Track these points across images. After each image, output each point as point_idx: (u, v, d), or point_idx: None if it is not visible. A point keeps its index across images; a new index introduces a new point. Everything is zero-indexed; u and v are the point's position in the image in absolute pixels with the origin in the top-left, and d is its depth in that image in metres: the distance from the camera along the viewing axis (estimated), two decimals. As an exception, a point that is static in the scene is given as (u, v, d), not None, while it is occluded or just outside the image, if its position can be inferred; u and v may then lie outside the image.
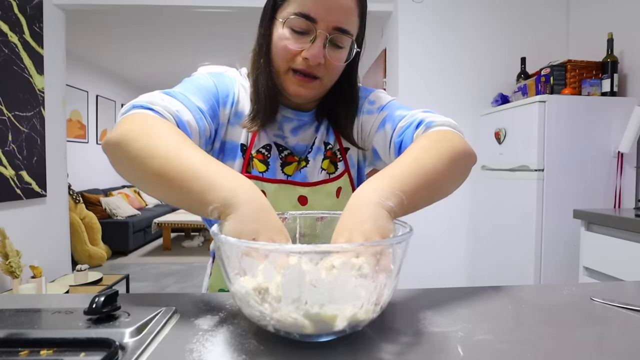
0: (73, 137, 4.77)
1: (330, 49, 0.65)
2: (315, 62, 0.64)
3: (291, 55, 0.66)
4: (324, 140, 0.78)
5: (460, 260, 2.84)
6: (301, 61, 0.65)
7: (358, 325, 0.42)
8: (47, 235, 2.79)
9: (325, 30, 0.63)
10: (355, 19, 0.66)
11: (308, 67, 0.66)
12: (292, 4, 0.64)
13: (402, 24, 2.76)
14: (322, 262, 0.40)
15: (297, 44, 0.65)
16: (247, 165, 0.73)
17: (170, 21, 3.76)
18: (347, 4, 0.63)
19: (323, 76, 0.68)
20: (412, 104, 2.85)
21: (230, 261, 0.42)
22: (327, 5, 0.62)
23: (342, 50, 0.67)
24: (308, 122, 0.77)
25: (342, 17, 0.63)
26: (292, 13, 0.63)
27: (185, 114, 0.59)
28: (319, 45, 0.63)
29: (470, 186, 2.79)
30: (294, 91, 0.69)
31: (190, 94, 0.65)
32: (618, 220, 1.56)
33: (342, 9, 0.63)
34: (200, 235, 5.49)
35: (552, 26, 2.81)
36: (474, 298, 0.60)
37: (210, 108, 0.68)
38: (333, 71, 0.68)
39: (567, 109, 2.12)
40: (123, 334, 0.43)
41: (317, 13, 0.62)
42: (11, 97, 2.40)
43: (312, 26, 0.63)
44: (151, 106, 0.56)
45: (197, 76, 0.72)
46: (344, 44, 0.66)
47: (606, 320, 0.52)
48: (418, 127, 0.66)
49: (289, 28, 0.64)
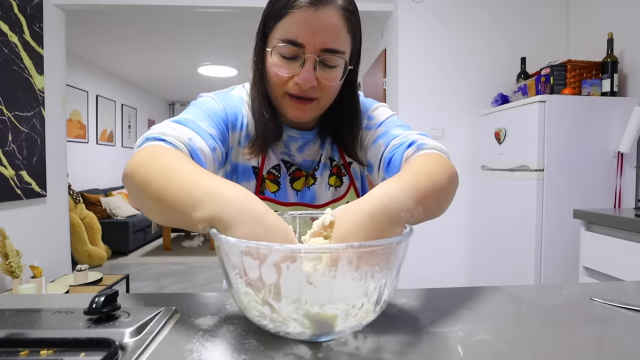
0: (73, 137, 4.76)
1: (321, 70, 0.65)
2: (307, 86, 0.64)
3: (283, 81, 0.66)
4: (329, 156, 0.80)
5: (460, 260, 2.84)
6: (294, 86, 0.66)
7: (358, 325, 0.42)
8: (47, 235, 2.79)
9: (313, 53, 0.63)
10: (345, 36, 0.64)
11: (302, 92, 0.66)
12: (278, 31, 0.64)
13: (402, 24, 2.76)
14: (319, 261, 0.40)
15: (288, 70, 0.65)
16: (260, 186, 0.76)
17: (170, 21, 3.76)
18: (332, 23, 0.62)
19: (319, 97, 0.68)
20: (412, 103, 2.83)
21: (230, 261, 0.42)
22: (311, 28, 0.61)
23: (334, 70, 0.66)
24: (312, 139, 0.79)
25: (328, 37, 0.62)
26: (279, 40, 0.63)
27: (197, 142, 0.60)
28: (309, 68, 0.63)
29: (470, 186, 2.79)
30: (292, 115, 0.69)
31: (201, 120, 0.65)
32: (618, 220, 1.56)
33: (327, 29, 0.62)
34: (200, 235, 5.49)
35: (552, 26, 2.81)
36: (474, 298, 0.60)
37: (220, 133, 0.68)
38: (328, 91, 0.68)
39: (567, 109, 2.12)
40: (123, 334, 0.43)
41: (303, 37, 0.62)
42: (11, 97, 2.40)
43: (299, 51, 0.63)
44: (163, 137, 0.56)
45: (205, 100, 0.72)
46: (336, 62, 0.65)
47: (606, 320, 0.52)
48: (409, 147, 0.66)
49: (278, 55, 0.65)
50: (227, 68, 5.37)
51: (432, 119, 2.77)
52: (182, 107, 8.19)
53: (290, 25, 0.62)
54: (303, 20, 0.61)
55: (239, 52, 4.67)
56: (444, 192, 0.55)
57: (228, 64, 5.23)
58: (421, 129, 2.58)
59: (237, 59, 4.94)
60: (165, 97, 7.93)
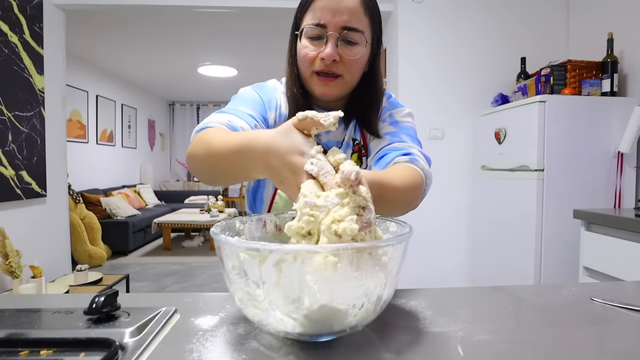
0: (73, 137, 4.76)
1: (343, 47, 0.74)
2: (329, 60, 0.73)
3: (311, 60, 0.75)
4: (352, 137, 0.86)
5: (460, 260, 2.84)
6: (320, 63, 0.74)
7: (358, 325, 0.42)
8: (47, 235, 2.79)
9: (335, 31, 0.72)
10: (363, 17, 0.74)
11: (326, 67, 0.74)
12: (306, 18, 0.75)
13: (402, 24, 2.76)
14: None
15: (314, 48, 0.75)
16: None
17: (170, 21, 3.76)
18: (350, 5, 0.72)
19: (343, 73, 0.76)
20: (412, 104, 2.83)
21: (230, 261, 0.42)
22: (332, 10, 0.72)
23: (355, 46, 0.74)
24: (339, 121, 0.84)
25: (347, 17, 0.72)
26: (306, 25, 0.75)
27: (236, 122, 0.71)
28: (332, 44, 0.73)
29: (470, 186, 2.79)
30: (319, 92, 0.78)
31: (239, 106, 0.77)
32: (618, 220, 1.56)
33: (346, 10, 0.72)
34: (200, 235, 5.49)
35: (552, 26, 2.81)
36: (474, 298, 0.60)
37: (258, 114, 0.79)
38: (351, 67, 0.76)
39: (567, 109, 2.12)
40: (123, 334, 0.43)
41: (325, 18, 0.72)
42: (11, 97, 2.40)
43: (322, 31, 0.73)
44: (207, 125, 0.68)
45: (243, 91, 0.85)
46: (356, 39, 0.74)
47: (606, 320, 0.52)
48: (404, 155, 0.72)
49: (306, 38, 0.75)
50: (227, 68, 5.37)
51: (432, 119, 2.77)
52: (182, 107, 8.19)
53: (314, 11, 0.73)
54: (324, 5, 0.72)
55: (239, 52, 4.67)
56: (394, 194, 0.61)
57: (228, 64, 5.23)
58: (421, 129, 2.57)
59: (237, 59, 4.94)
60: (165, 97, 7.93)
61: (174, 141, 8.31)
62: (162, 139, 7.95)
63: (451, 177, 2.79)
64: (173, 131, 8.32)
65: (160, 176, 7.73)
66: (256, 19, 3.52)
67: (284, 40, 0.86)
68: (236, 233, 0.55)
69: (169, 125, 8.31)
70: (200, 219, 4.95)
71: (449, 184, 2.79)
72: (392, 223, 0.53)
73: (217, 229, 0.47)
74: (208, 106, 8.15)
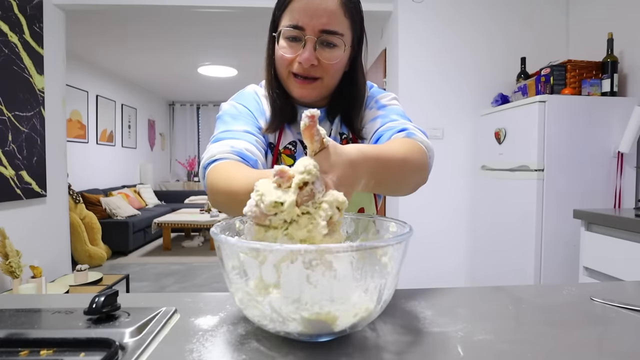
0: (73, 137, 4.76)
1: (321, 50, 0.72)
2: (307, 64, 0.71)
3: (288, 62, 0.74)
4: (339, 132, 0.85)
5: (460, 260, 2.84)
6: (297, 66, 0.73)
7: (358, 325, 0.42)
8: (47, 235, 2.79)
9: (313, 34, 0.70)
10: (342, 19, 0.71)
11: (304, 70, 0.73)
12: (284, 19, 0.73)
13: (402, 24, 2.76)
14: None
15: (292, 51, 0.73)
16: (277, 161, 0.82)
17: (170, 21, 3.76)
18: (330, 7, 0.70)
19: (322, 76, 0.74)
20: (412, 104, 2.83)
21: (230, 261, 0.43)
22: (310, 13, 0.69)
23: (334, 49, 0.72)
24: (322, 118, 0.84)
25: (325, 19, 0.70)
26: (284, 26, 0.72)
27: (239, 145, 0.69)
28: (309, 48, 0.71)
29: (470, 186, 2.79)
30: (297, 94, 0.76)
31: (231, 126, 0.75)
32: (618, 220, 1.56)
33: (325, 13, 0.69)
34: (200, 235, 5.48)
35: (552, 26, 2.81)
36: (474, 298, 0.60)
37: (253, 126, 0.77)
38: (330, 70, 0.74)
39: (567, 109, 2.12)
40: (123, 334, 0.43)
41: (303, 21, 0.70)
42: (11, 97, 2.40)
43: (301, 34, 0.71)
44: (214, 158, 0.67)
45: (227, 109, 0.80)
46: (335, 42, 0.72)
47: (606, 320, 0.52)
48: (400, 132, 0.71)
49: (284, 39, 0.73)
50: (227, 68, 5.36)
51: (432, 119, 2.76)
52: (182, 107, 8.19)
53: (292, 12, 0.71)
54: (303, 6, 0.70)
55: (239, 52, 4.66)
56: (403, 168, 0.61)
57: (228, 64, 5.23)
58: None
59: (237, 59, 4.94)
60: (165, 97, 7.93)
61: (174, 141, 8.31)
62: (162, 139, 7.95)
63: (451, 177, 2.79)
64: (173, 131, 8.32)
65: (160, 176, 7.73)
66: (256, 19, 3.52)
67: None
68: (236, 233, 0.55)
69: (169, 125, 8.31)
70: (200, 219, 4.95)
71: (449, 184, 2.79)
72: (392, 223, 0.53)
73: (217, 229, 0.47)
74: (208, 106, 8.15)
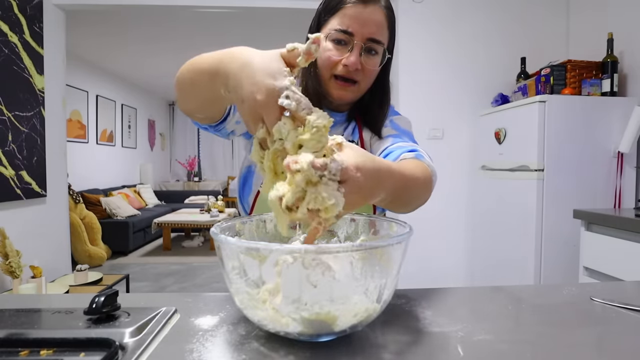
0: (73, 137, 4.76)
1: (365, 57, 0.76)
2: (353, 68, 0.75)
3: (333, 64, 0.77)
4: (349, 139, 0.87)
5: (460, 260, 2.83)
6: (342, 68, 0.77)
7: (358, 325, 0.42)
8: (47, 235, 2.79)
9: (361, 41, 0.75)
10: (385, 31, 0.78)
11: (348, 73, 0.77)
12: (333, 21, 0.77)
13: (402, 24, 2.76)
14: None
15: (338, 54, 0.77)
16: None
17: (171, 21, 3.76)
18: (378, 18, 0.75)
19: (361, 80, 0.79)
20: (412, 104, 2.81)
21: (230, 261, 0.43)
22: (361, 21, 0.74)
23: (375, 57, 0.78)
24: (340, 121, 0.88)
25: (374, 29, 0.75)
26: (333, 29, 0.76)
27: None
28: (356, 53, 0.75)
29: (470, 186, 2.79)
30: (337, 95, 0.80)
31: None
32: (618, 220, 1.56)
33: (374, 23, 0.75)
34: (200, 235, 5.48)
35: (552, 26, 2.81)
36: (474, 298, 0.60)
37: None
38: (369, 75, 0.79)
39: (567, 109, 2.12)
40: (123, 334, 0.43)
41: (354, 27, 0.74)
42: (11, 97, 2.40)
43: (349, 38, 0.75)
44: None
45: None
46: (377, 50, 0.77)
47: (606, 320, 0.52)
48: (409, 152, 0.74)
49: (331, 41, 0.77)
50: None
51: (432, 119, 2.76)
52: (182, 107, 8.19)
53: (343, 17, 0.75)
54: (355, 14, 0.74)
55: (239, 52, 4.66)
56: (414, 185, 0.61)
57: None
58: (421, 129, 2.57)
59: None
60: (165, 97, 7.93)
61: (174, 141, 8.31)
62: (162, 139, 7.95)
63: (451, 177, 2.79)
64: (173, 131, 8.32)
65: (160, 176, 7.73)
66: (256, 19, 3.52)
67: (284, 40, 0.86)
68: (236, 233, 0.55)
69: (169, 125, 8.31)
70: (200, 219, 4.95)
71: (449, 184, 2.79)
72: (392, 223, 0.53)
73: (217, 229, 0.47)
74: (208, 106, 8.15)
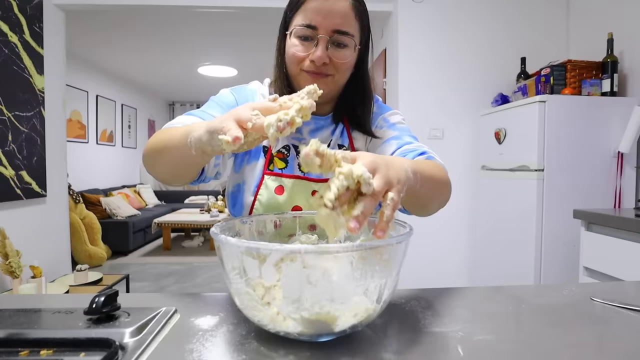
0: (73, 137, 4.76)
1: (333, 50, 0.74)
2: (320, 62, 0.73)
3: (300, 60, 0.75)
4: (338, 143, 0.86)
5: (460, 260, 2.83)
6: (309, 64, 0.75)
7: (358, 325, 0.42)
8: (47, 235, 2.79)
9: (325, 34, 0.73)
10: (353, 21, 0.74)
11: (316, 68, 0.74)
12: (296, 18, 0.75)
13: (402, 24, 2.76)
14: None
15: (304, 49, 0.75)
16: (269, 164, 0.82)
17: (170, 21, 3.76)
18: (342, 9, 0.72)
19: (333, 73, 0.76)
20: (412, 103, 2.82)
21: (230, 261, 0.43)
22: (324, 13, 0.72)
23: (345, 49, 0.75)
24: (325, 125, 0.86)
25: (338, 20, 0.72)
26: (297, 25, 0.74)
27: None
28: (322, 47, 0.73)
29: (470, 186, 2.79)
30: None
31: (210, 109, 0.78)
32: (618, 220, 1.56)
33: (338, 14, 0.72)
34: (200, 235, 5.48)
35: (552, 26, 2.81)
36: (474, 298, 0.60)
37: None
38: (342, 68, 0.76)
39: (567, 109, 2.12)
40: (123, 334, 0.43)
41: (316, 21, 0.72)
42: (11, 97, 2.40)
43: (314, 33, 0.73)
44: (169, 126, 0.69)
45: (221, 93, 0.84)
46: (346, 42, 0.74)
47: (606, 320, 0.52)
48: (421, 155, 0.74)
49: (296, 37, 0.75)
50: (227, 68, 5.36)
51: (432, 119, 2.76)
52: (182, 107, 8.19)
53: (306, 12, 0.73)
54: (316, 7, 0.72)
55: (239, 52, 4.66)
56: (438, 185, 0.64)
57: (228, 64, 5.23)
58: (421, 129, 2.57)
59: (237, 59, 4.94)
60: (165, 97, 7.93)
61: (174, 141, 8.30)
62: (162, 139, 7.94)
63: (451, 177, 2.76)
64: (173, 131, 8.32)
65: (160, 176, 7.72)
66: (256, 19, 3.52)
67: (284, 40, 0.86)
68: (236, 233, 0.55)
69: (169, 125, 8.31)
70: (200, 219, 4.95)
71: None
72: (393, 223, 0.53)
73: (217, 229, 0.47)
74: (208, 106, 8.15)
